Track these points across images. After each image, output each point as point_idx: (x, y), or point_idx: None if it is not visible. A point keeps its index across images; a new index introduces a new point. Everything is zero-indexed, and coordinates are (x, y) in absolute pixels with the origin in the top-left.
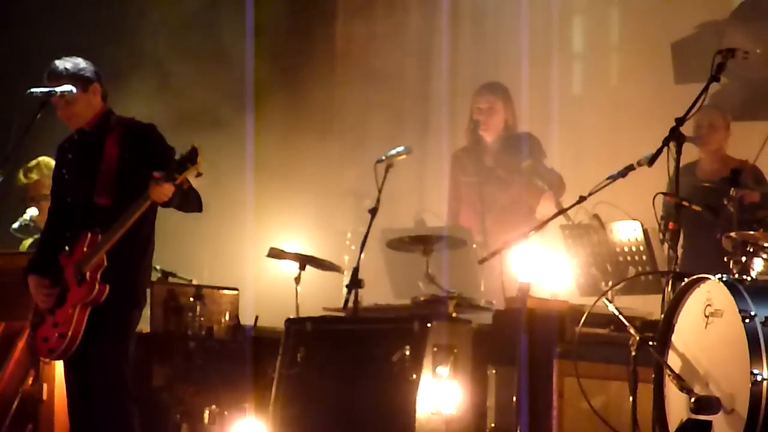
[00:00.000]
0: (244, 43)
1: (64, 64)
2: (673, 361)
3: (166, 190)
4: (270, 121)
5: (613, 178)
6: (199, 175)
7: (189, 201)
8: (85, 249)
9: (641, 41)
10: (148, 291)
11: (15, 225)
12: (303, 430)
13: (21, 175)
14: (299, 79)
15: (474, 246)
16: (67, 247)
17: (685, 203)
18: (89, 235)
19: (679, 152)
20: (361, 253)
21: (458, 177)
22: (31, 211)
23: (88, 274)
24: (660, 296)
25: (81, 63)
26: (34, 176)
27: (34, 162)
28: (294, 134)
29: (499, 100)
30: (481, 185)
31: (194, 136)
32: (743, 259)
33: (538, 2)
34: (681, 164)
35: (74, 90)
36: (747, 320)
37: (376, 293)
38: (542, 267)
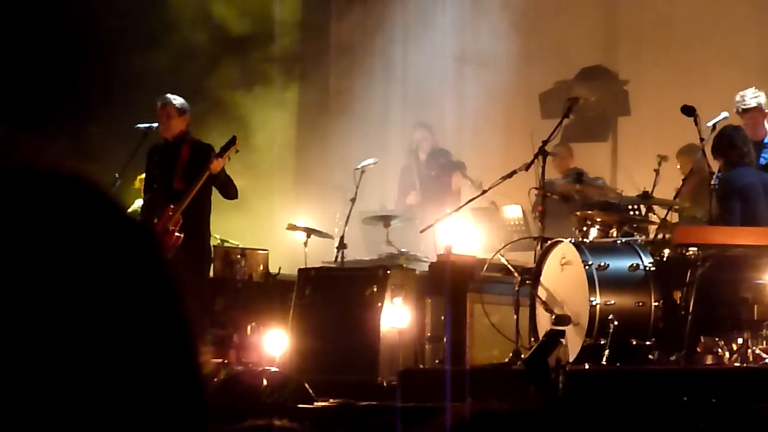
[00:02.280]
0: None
1: (173, 98)
2: (541, 293)
3: (219, 163)
4: (289, 145)
5: (503, 178)
6: (237, 151)
7: (230, 187)
8: (168, 214)
9: (521, 90)
10: (212, 251)
11: (128, 209)
12: (310, 339)
13: (137, 182)
14: (308, 117)
15: (417, 221)
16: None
17: (548, 194)
18: (171, 206)
19: (544, 162)
20: (345, 226)
21: (406, 179)
22: (139, 201)
23: (170, 227)
24: (533, 252)
25: (182, 100)
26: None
27: (143, 175)
28: (305, 153)
29: (428, 132)
30: (421, 183)
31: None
32: (584, 228)
33: (453, 65)
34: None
35: (161, 126)
36: (587, 267)
37: (355, 252)
38: (460, 234)
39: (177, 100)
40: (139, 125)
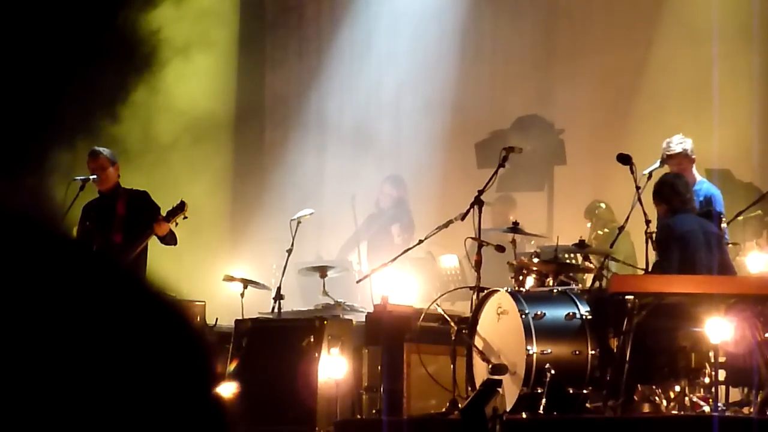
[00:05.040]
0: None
1: (102, 149)
2: (478, 342)
3: (165, 227)
4: (225, 195)
5: (439, 228)
6: (185, 218)
7: (171, 238)
8: None
9: (457, 140)
10: None
11: None
12: (247, 390)
13: (74, 233)
14: (243, 167)
15: (355, 271)
16: None
17: (484, 243)
18: None
19: (480, 212)
20: (282, 277)
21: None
22: None
23: None
24: (469, 301)
25: (110, 151)
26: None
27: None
28: (241, 204)
29: (394, 188)
30: (379, 232)
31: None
32: (520, 277)
33: (388, 116)
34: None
35: (98, 178)
36: (523, 316)
37: (292, 302)
38: (397, 284)
39: (106, 151)
40: (75, 177)
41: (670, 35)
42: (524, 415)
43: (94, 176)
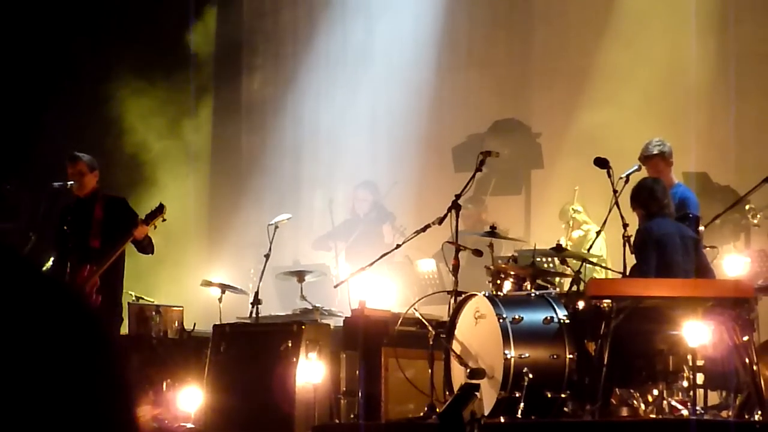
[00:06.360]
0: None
1: (82, 155)
2: (456, 346)
3: (144, 230)
4: (203, 201)
5: (417, 232)
6: (164, 220)
7: (148, 245)
8: (85, 274)
9: (434, 144)
10: (126, 308)
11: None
12: (225, 395)
13: None
14: (220, 173)
15: (333, 276)
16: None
17: (461, 247)
18: (88, 266)
19: (457, 216)
20: (260, 282)
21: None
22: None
23: (87, 289)
24: (447, 306)
25: (90, 156)
26: None
27: None
28: (218, 209)
29: (369, 193)
30: (359, 237)
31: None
32: (498, 281)
33: (365, 121)
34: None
35: (76, 183)
36: (501, 320)
37: (270, 307)
38: (375, 289)
39: (86, 157)
40: (53, 183)
41: (647, 39)
42: (502, 420)
43: (72, 182)
